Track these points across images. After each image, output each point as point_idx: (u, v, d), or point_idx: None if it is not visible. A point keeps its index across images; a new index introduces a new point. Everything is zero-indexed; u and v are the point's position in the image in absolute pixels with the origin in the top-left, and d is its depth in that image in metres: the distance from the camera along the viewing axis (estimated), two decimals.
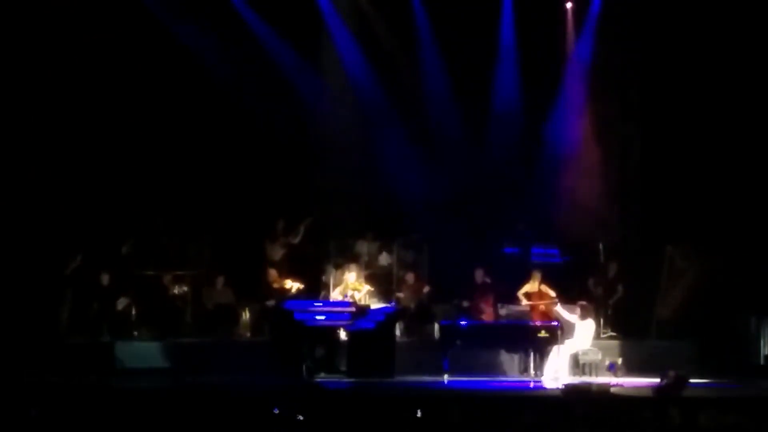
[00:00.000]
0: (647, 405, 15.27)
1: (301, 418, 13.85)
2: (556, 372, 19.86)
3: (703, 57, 22.93)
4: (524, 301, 21.78)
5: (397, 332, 21.35)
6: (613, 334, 22.16)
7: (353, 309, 20.43)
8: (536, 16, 23.96)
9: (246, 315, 22.45)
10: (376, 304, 21.04)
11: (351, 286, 21.64)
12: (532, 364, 20.14)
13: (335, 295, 21.66)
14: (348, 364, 20.09)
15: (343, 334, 20.46)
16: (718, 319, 22.11)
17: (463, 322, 20.58)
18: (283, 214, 23.06)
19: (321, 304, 20.85)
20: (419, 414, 14.08)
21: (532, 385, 19.52)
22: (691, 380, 17.00)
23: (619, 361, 20.03)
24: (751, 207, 22.70)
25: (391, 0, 24.27)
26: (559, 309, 20.81)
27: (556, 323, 20.42)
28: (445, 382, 19.42)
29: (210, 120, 23.66)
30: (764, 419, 13.75)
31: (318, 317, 20.14)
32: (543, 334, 20.02)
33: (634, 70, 23.96)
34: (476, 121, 24.46)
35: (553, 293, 21.57)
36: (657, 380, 16.94)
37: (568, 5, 24.63)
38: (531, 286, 21.80)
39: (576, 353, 20.18)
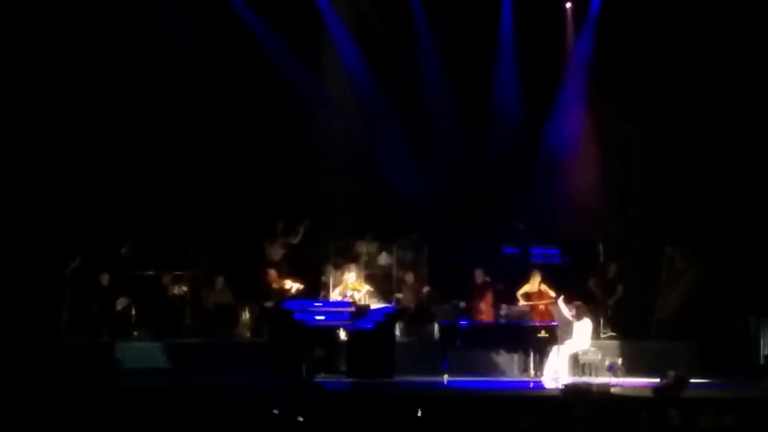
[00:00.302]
0: (647, 405, 15.27)
1: (300, 419, 13.84)
2: (555, 372, 19.86)
3: (702, 57, 22.92)
4: (521, 302, 21.75)
5: (397, 332, 21.34)
6: (613, 334, 22.15)
7: (353, 309, 20.44)
8: (536, 16, 23.94)
9: (245, 315, 22.45)
10: (375, 305, 21.05)
11: (350, 287, 21.66)
12: (531, 365, 20.15)
13: (335, 295, 21.69)
14: (348, 364, 20.09)
15: (342, 335, 20.46)
16: (717, 320, 22.12)
17: (462, 323, 20.59)
18: (282, 215, 23.05)
19: (321, 304, 20.87)
20: (419, 413, 14.08)
21: (531, 385, 19.54)
22: (691, 380, 17.00)
23: (619, 361, 20.02)
24: (750, 207, 22.69)
25: (390, 0, 24.25)
26: (561, 304, 20.81)
27: (555, 323, 20.43)
28: (445, 382, 19.42)
29: (208, 120, 23.64)
30: (764, 420, 13.74)
31: (318, 317, 20.15)
32: (542, 334, 20.03)
33: (634, 70, 23.93)
34: (476, 121, 24.44)
35: (553, 293, 21.55)
36: (657, 380, 16.95)
37: (568, 5, 24.63)
38: (531, 286, 21.78)
39: (576, 353, 20.17)
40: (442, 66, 24.38)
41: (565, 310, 20.58)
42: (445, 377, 19.52)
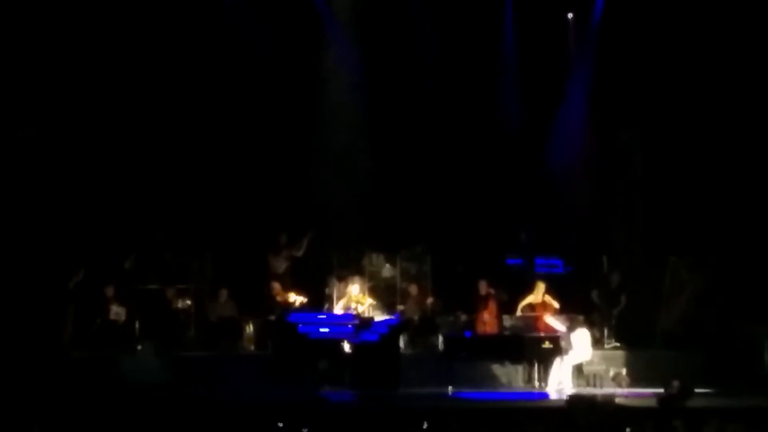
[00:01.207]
0: (652, 415, 15.25)
1: (305, 431, 13.84)
2: (560, 383, 19.85)
3: (704, 66, 22.93)
4: (519, 313, 21.69)
5: (401, 344, 21.31)
6: (617, 344, 22.12)
7: (357, 321, 20.44)
8: (537, 26, 23.98)
9: (249, 328, 22.41)
10: (379, 317, 21.04)
11: (354, 299, 21.66)
12: (536, 376, 20.14)
13: (339, 307, 21.67)
14: (352, 376, 20.07)
15: (347, 347, 20.45)
16: (722, 329, 22.08)
17: (467, 334, 20.58)
18: (285, 227, 23.05)
19: (325, 316, 20.88)
20: (425, 426, 14.07)
21: (536, 396, 19.51)
22: (696, 390, 16.96)
23: (624, 371, 20.00)
24: (753, 216, 22.67)
25: (394, 7, 24.23)
26: (548, 319, 20.81)
27: (559, 334, 20.40)
28: (450, 393, 19.40)
29: (211, 133, 23.64)
30: None
31: (322, 330, 20.17)
32: (547, 345, 20.03)
33: (636, 79, 23.93)
34: (478, 131, 24.44)
35: (556, 304, 21.51)
36: (661, 390, 16.91)
37: (570, 15, 24.67)
38: (535, 297, 21.73)
39: (580, 364, 20.15)
40: (444, 76, 24.37)
41: (556, 324, 20.56)
42: (450, 389, 19.51)
